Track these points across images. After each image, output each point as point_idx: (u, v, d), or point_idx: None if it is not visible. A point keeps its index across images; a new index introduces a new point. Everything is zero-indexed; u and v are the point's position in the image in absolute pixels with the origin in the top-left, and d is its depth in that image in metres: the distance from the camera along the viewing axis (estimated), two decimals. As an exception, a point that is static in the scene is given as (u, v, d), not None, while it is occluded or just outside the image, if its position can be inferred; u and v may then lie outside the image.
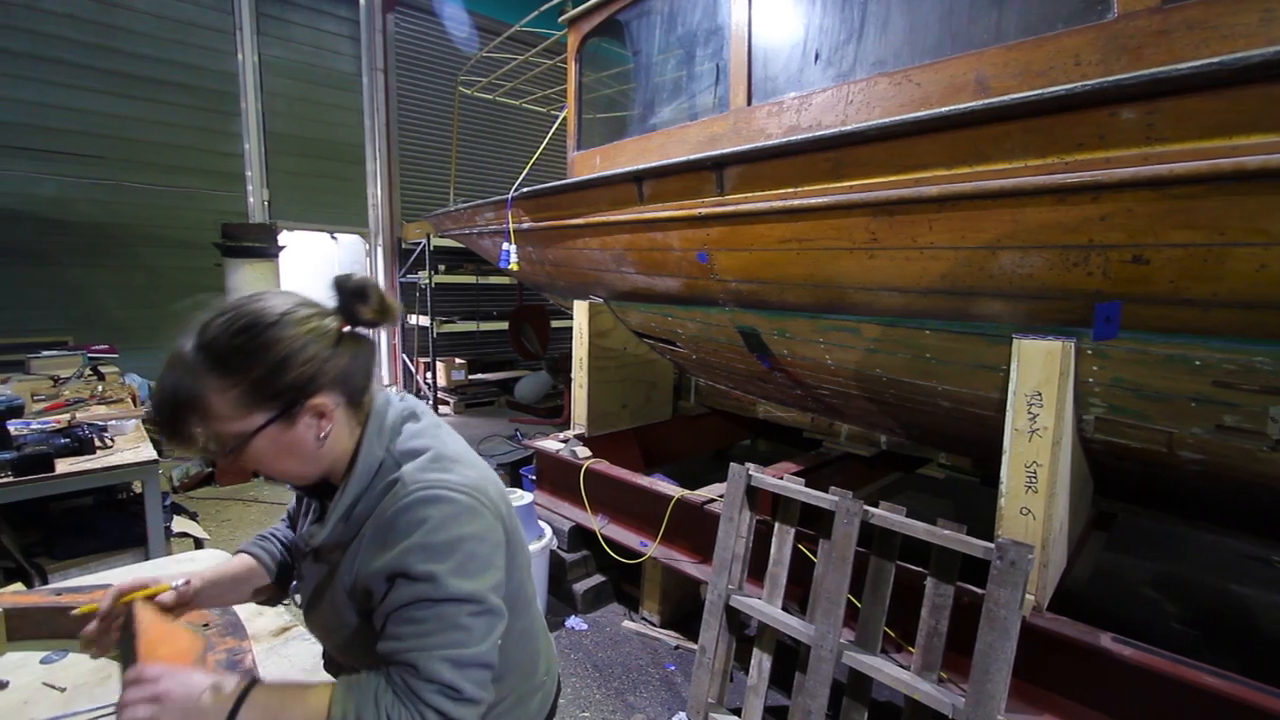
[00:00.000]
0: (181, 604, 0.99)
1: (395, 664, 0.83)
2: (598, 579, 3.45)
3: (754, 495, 2.48)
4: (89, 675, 1.12)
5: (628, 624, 3.23)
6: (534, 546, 3.11)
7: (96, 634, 0.95)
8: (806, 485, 2.30)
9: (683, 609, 3.29)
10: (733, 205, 2.49)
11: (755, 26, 2.75)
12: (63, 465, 2.41)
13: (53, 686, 1.09)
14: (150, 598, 0.96)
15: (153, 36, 6.45)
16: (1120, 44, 1.74)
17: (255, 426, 0.84)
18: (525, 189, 3.66)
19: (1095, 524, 2.88)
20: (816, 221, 2.24)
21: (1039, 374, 1.87)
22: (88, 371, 4.35)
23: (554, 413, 7.64)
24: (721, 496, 2.64)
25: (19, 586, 1.53)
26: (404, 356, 8.60)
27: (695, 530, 2.93)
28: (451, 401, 8.04)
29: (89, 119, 6.17)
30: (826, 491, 2.22)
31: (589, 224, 3.26)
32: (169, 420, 0.85)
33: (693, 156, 2.57)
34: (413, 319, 8.41)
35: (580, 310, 3.83)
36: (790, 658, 2.30)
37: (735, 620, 2.46)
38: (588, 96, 4.02)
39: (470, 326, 8.44)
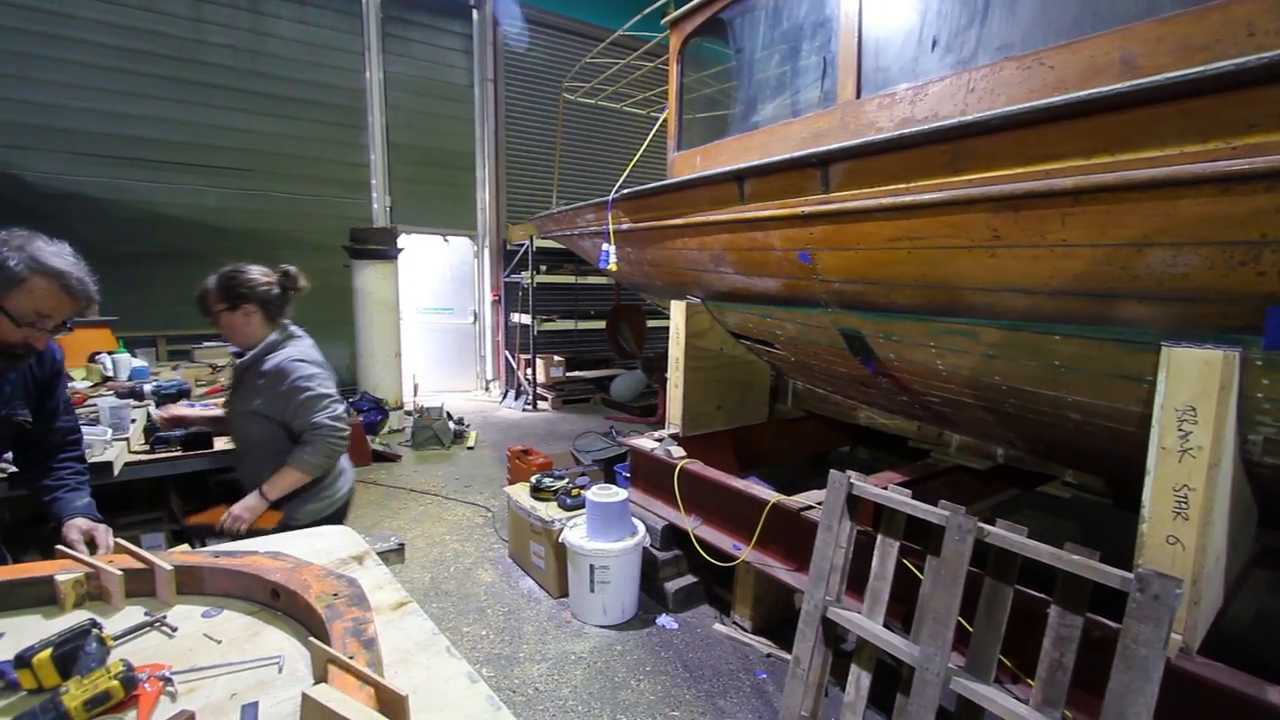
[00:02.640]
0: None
1: (307, 428, 2.12)
2: (689, 579, 3.45)
3: (855, 504, 2.38)
4: (240, 631, 1.26)
5: (719, 627, 3.21)
6: (626, 543, 3.16)
7: None
8: (913, 497, 2.18)
9: (774, 615, 3.23)
10: (838, 203, 2.40)
11: (866, 15, 2.64)
12: (219, 443, 2.73)
13: (211, 638, 1.23)
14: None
15: (295, 60, 7.20)
16: (1308, 9, 1.51)
17: (221, 308, 2.13)
18: (626, 190, 3.72)
19: (1259, 561, 2.52)
20: (931, 218, 2.11)
21: (1193, 386, 1.66)
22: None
23: (648, 411, 7.72)
24: (820, 504, 2.56)
25: (185, 547, 1.75)
26: (506, 353, 9.00)
27: (790, 537, 2.86)
28: (549, 397, 8.29)
29: (243, 136, 6.98)
30: (935, 505, 2.09)
31: (688, 224, 3.26)
32: (201, 298, 2.14)
33: (797, 154, 2.50)
34: (515, 317, 8.78)
35: (677, 310, 3.84)
36: (891, 677, 2.19)
37: (832, 633, 2.37)
38: (688, 97, 4.02)
39: (569, 325, 8.71)
